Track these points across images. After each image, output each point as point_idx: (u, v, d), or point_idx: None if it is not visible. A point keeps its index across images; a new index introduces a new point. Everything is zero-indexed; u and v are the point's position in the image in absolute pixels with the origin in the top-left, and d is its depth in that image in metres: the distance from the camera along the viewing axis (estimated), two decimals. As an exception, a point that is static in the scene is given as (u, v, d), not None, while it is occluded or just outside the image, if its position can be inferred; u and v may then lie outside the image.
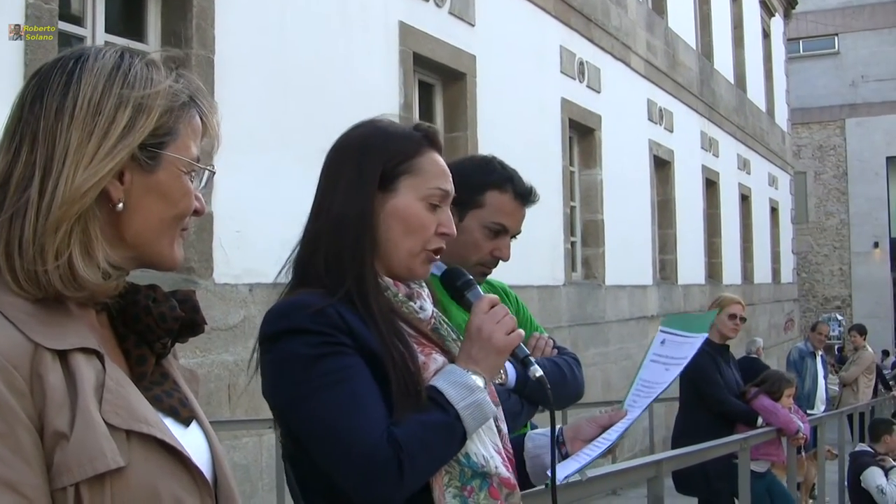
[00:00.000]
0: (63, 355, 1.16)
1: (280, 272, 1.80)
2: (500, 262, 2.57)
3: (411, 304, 1.78)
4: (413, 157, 1.77)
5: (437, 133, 1.87)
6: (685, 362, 1.94)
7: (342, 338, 1.63)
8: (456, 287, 1.87)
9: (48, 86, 1.23)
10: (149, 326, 1.28)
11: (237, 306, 5.92)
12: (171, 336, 1.31)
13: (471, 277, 1.88)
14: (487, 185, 2.53)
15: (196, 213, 1.33)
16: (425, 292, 1.86)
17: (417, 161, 1.77)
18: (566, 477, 1.83)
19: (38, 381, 1.12)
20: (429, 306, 1.83)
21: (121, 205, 1.23)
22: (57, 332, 1.17)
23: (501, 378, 2.31)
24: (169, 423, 1.25)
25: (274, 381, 1.68)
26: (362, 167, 1.75)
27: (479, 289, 1.88)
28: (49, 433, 1.11)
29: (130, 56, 1.28)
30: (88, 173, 1.19)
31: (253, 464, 6.00)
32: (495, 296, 1.80)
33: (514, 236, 2.60)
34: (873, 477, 7.59)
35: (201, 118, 1.35)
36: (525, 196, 2.58)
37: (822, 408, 10.44)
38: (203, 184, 1.35)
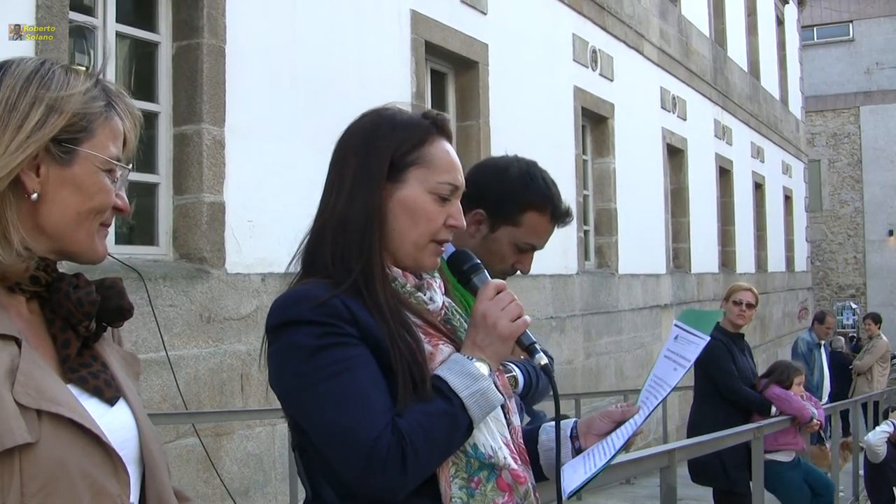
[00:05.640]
0: None
1: (290, 263, 1.79)
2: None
3: (420, 294, 1.76)
4: (422, 146, 1.74)
5: (446, 120, 1.83)
6: (689, 365, 1.92)
7: (347, 328, 1.61)
8: (462, 271, 1.82)
9: None
10: (69, 311, 1.36)
11: (250, 296, 5.92)
12: (89, 319, 1.39)
13: (478, 261, 1.83)
14: (528, 206, 2.46)
15: (119, 210, 1.42)
16: (436, 283, 1.84)
17: (426, 150, 1.75)
18: (572, 492, 1.78)
19: None
20: (439, 298, 1.81)
21: (35, 195, 1.33)
22: None
23: (512, 384, 2.29)
24: (94, 402, 1.35)
25: (277, 372, 1.67)
26: (369, 158, 1.73)
27: (487, 273, 1.83)
28: None
29: (52, 64, 1.39)
30: (1, 164, 1.30)
31: (266, 453, 6.02)
32: (502, 281, 1.75)
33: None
34: (869, 437, 7.55)
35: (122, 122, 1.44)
36: (562, 218, 2.54)
37: (827, 399, 10.34)
38: (119, 183, 1.43)
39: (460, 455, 1.64)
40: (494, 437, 1.68)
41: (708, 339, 1.93)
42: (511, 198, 2.44)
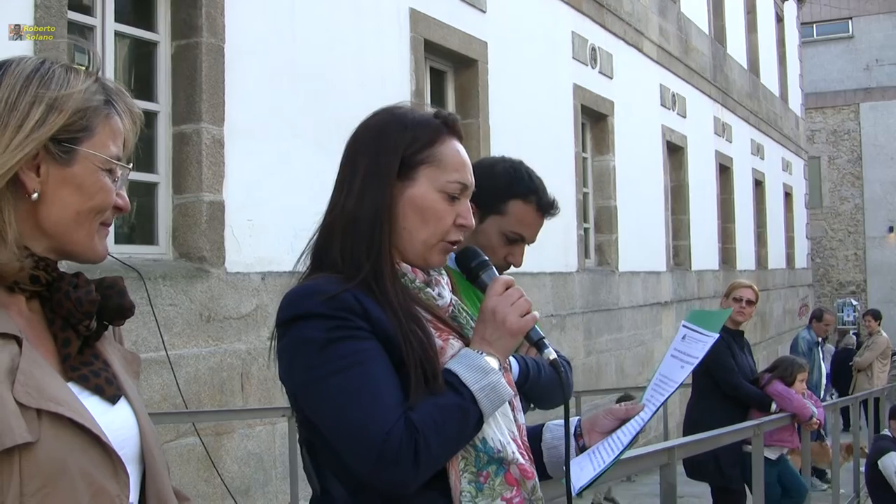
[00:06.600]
0: None
1: (298, 260, 1.79)
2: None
3: (429, 290, 1.77)
4: (432, 145, 1.75)
5: (457, 120, 1.84)
6: (696, 362, 1.92)
7: (358, 322, 1.61)
8: (471, 268, 1.84)
9: None
10: (69, 310, 1.37)
11: (249, 295, 5.92)
12: (88, 318, 1.39)
13: (486, 258, 1.85)
14: (512, 195, 2.58)
15: (119, 209, 1.42)
16: (444, 279, 1.84)
17: (437, 149, 1.75)
18: (582, 488, 1.79)
19: None
20: (447, 294, 1.82)
21: (35, 195, 1.33)
22: None
23: None
24: (95, 400, 1.36)
25: (288, 366, 1.67)
26: (380, 156, 1.73)
27: (494, 269, 1.85)
28: None
29: (52, 62, 1.39)
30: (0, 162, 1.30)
31: (266, 452, 6.02)
32: (510, 277, 1.77)
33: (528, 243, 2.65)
34: (892, 461, 7.53)
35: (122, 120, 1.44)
36: (547, 209, 2.64)
37: (824, 394, 10.34)
38: (120, 182, 1.43)
39: (469, 449, 1.65)
40: (503, 431, 1.69)
41: (716, 336, 1.94)
42: (496, 189, 2.55)
